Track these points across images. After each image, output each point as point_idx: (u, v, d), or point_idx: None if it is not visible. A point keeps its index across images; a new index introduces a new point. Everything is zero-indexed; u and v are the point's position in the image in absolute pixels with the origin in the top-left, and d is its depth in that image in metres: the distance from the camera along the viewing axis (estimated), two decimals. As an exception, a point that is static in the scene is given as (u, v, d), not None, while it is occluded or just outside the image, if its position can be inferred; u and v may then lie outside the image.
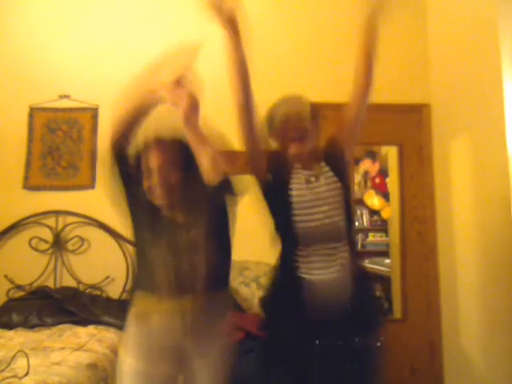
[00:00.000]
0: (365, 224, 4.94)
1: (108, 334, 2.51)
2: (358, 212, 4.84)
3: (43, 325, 2.66)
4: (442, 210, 3.13)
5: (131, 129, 1.50)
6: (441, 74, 3.17)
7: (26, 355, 1.93)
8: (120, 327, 2.55)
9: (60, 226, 3.06)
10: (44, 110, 3.16)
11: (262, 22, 3.32)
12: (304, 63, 3.28)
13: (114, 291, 2.98)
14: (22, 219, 3.03)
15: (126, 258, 3.01)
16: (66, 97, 3.17)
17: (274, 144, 1.69)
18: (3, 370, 1.83)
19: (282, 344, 1.55)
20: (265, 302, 1.70)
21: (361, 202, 4.84)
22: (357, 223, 4.77)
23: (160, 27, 3.27)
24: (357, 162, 4.68)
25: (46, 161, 3.14)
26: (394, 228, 3.47)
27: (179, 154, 1.50)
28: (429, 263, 3.17)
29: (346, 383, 1.53)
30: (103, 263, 3.05)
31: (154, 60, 1.53)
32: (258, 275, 2.90)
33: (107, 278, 3.01)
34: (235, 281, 2.87)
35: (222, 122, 1.65)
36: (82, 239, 3.06)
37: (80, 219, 3.06)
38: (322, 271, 1.53)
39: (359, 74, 1.76)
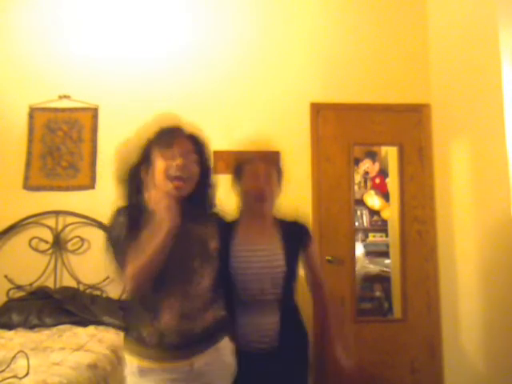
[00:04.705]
0: (365, 224, 4.95)
1: (108, 335, 2.51)
2: (358, 212, 4.85)
3: (43, 325, 2.66)
4: (442, 210, 3.13)
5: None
6: (441, 73, 3.17)
7: (26, 355, 1.93)
8: (120, 327, 2.56)
9: (60, 226, 3.06)
10: (44, 110, 3.16)
11: (263, 21, 3.33)
12: (305, 63, 3.29)
13: (114, 291, 2.98)
14: (22, 219, 3.03)
15: (126, 258, 3.00)
16: (66, 97, 3.17)
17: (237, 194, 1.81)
18: (3, 371, 1.83)
19: None
20: None
21: (361, 202, 4.84)
22: (357, 223, 4.77)
23: (159, 28, 3.27)
24: (357, 162, 4.69)
25: (46, 161, 3.14)
26: (394, 228, 3.47)
27: (198, 153, 1.49)
28: (429, 263, 3.18)
29: None
30: (103, 263, 3.04)
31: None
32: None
33: (107, 278, 3.01)
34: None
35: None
36: (82, 239, 3.06)
37: (80, 219, 3.05)
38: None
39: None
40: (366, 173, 4.95)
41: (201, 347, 1.42)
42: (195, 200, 1.49)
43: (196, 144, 1.48)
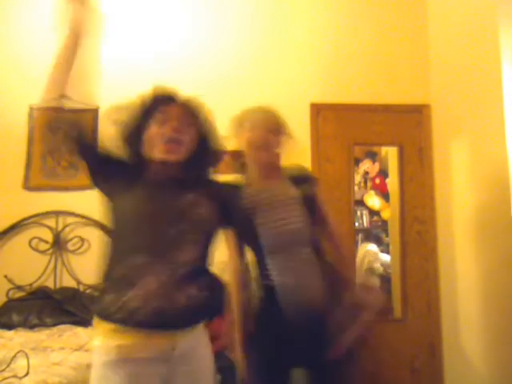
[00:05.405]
0: (365, 224, 4.94)
1: (108, 334, 2.50)
2: (358, 212, 4.84)
3: (43, 325, 2.66)
4: (442, 210, 3.13)
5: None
6: (441, 74, 3.17)
7: (26, 355, 1.93)
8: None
9: (60, 226, 3.06)
10: (44, 110, 3.16)
11: (263, 21, 3.33)
12: (305, 63, 3.29)
13: (114, 291, 2.98)
14: (22, 219, 3.03)
15: (126, 258, 3.01)
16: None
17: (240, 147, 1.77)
18: (3, 370, 1.83)
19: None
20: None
21: (361, 203, 4.84)
22: (357, 223, 4.77)
23: (159, 28, 3.27)
24: (357, 162, 4.68)
25: (46, 161, 3.14)
26: (394, 228, 3.47)
27: (197, 122, 1.45)
28: (429, 263, 3.17)
29: None
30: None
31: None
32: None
33: (107, 278, 3.01)
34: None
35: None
36: (82, 239, 3.06)
37: (80, 219, 3.05)
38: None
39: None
40: (366, 173, 4.94)
41: (175, 329, 1.29)
42: (190, 167, 1.44)
43: (193, 111, 1.46)
